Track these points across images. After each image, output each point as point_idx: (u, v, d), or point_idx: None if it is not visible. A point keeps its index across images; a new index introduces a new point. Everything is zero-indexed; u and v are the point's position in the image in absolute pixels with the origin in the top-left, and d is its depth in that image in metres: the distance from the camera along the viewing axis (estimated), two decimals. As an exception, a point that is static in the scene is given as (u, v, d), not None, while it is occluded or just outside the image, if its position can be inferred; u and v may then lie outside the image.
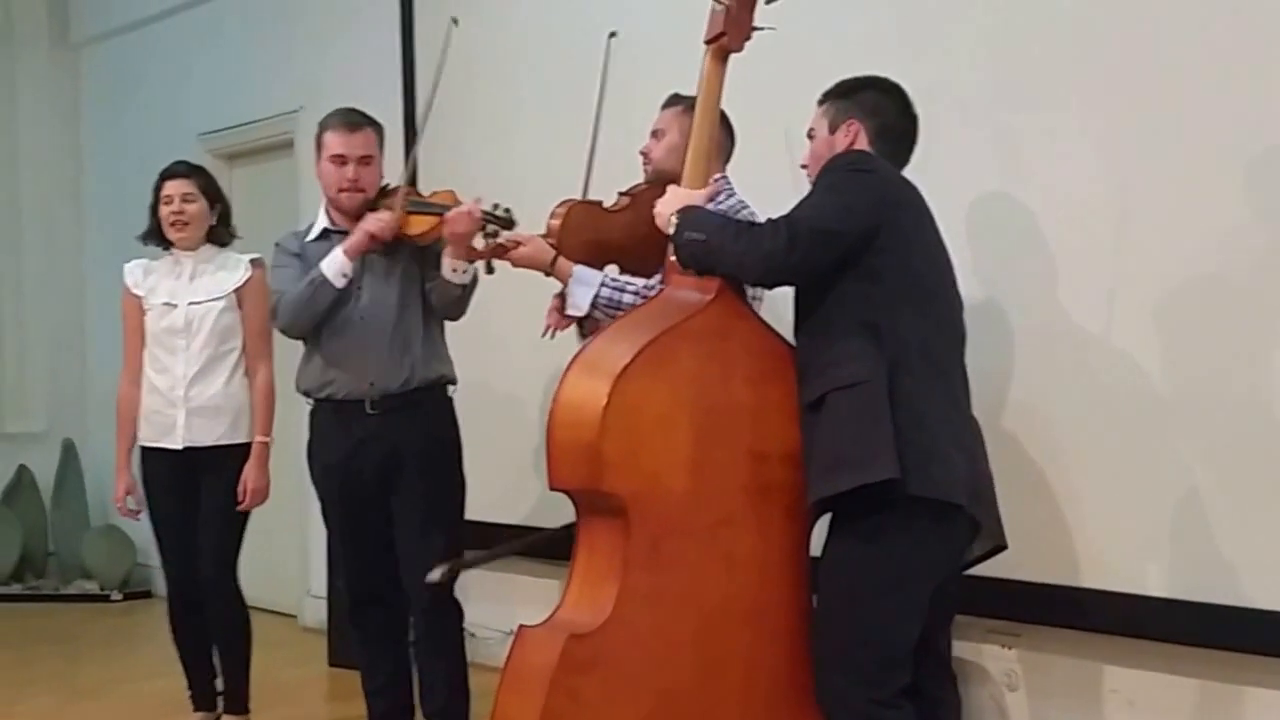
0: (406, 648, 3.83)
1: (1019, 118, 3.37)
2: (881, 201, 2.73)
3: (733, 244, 2.77)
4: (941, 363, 2.75)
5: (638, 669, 2.77)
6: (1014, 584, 3.24)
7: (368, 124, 3.68)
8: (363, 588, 3.75)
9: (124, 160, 6.83)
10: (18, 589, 6.83)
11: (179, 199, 4.03)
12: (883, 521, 2.66)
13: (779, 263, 2.72)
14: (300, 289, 3.59)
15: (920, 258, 2.77)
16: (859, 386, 2.66)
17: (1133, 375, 3.16)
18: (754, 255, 2.74)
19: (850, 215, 2.70)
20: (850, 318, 2.71)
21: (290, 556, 5.85)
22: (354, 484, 3.66)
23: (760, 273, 2.81)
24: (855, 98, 2.90)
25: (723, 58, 2.95)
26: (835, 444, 2.69)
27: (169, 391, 3.99)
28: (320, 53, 5.76)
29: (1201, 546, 3.06)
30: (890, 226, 2.71)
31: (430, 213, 3.55)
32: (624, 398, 2.75)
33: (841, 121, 2.89)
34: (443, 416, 3.73)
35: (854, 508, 2.69)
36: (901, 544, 2.67)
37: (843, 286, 2.73)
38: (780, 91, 3.50)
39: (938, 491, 2.64)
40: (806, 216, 2.72)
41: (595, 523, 2.87)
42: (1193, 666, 3.11)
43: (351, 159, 3.61)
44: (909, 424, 2.63)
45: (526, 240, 3.28)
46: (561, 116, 4.40)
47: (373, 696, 3.81)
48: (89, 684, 4.99)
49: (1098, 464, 3.23)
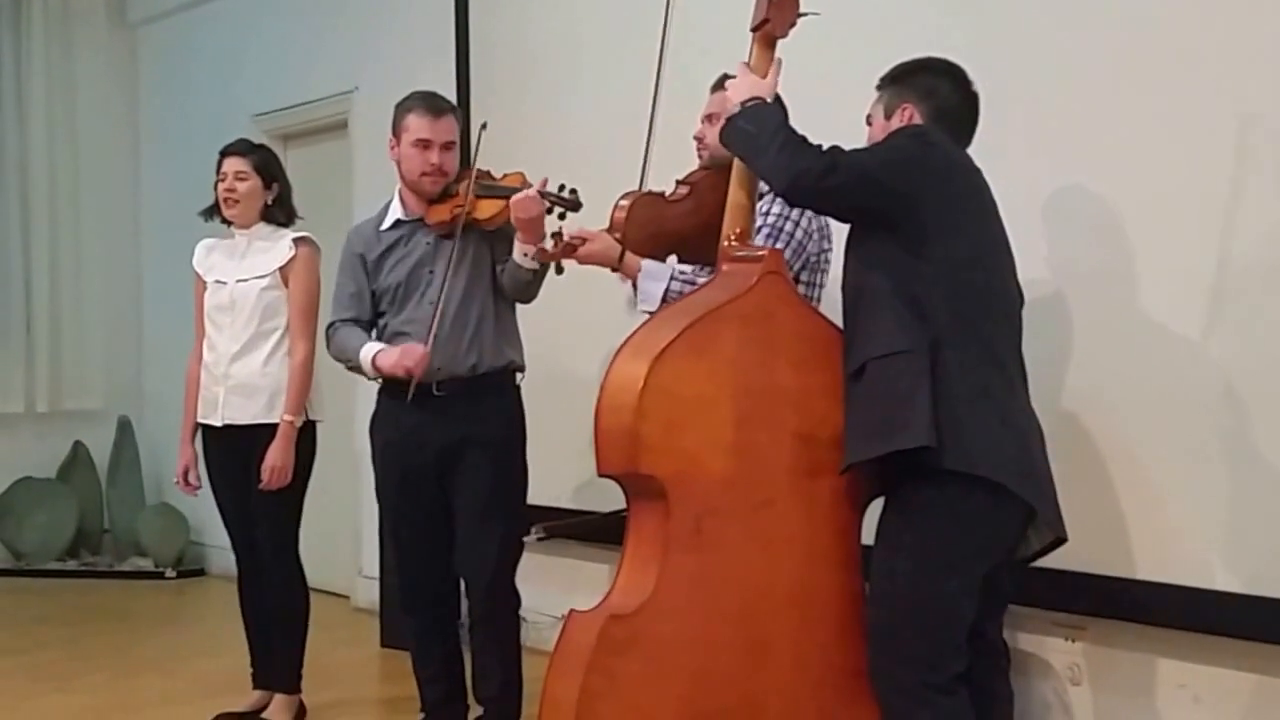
0: (457, 633, 3.82)
1: (1087, 106, 3.29)
2: (935, 170, 2.71)
3: (775, 151, 2.73)
4: (991, 343, 2.71)
5: (676, 650, 2.76)
6: (1078, 576, 3.19)
7: (450, 110, 3.71)
8: (414, 570, 3.73)
9: (180, 141, 6.87)
10: (73, 565, 6.91)
11: (231, 176, 4.05)
12: (929, 502, 2.66)
13: (808, 183, 2.69)
14: (347, 346, 3.67)
15: (972, 237, 2.73)
16: (898, 356, 2.66)
17: (1198, 365, 3.10)
18: (788, 167, 2.70)
19: (895, 171, 2.70)
20: (896, 290, 2.69)
21: (343, 537, 5.87)
22: (413, 462, 3.64)
23: (786, 184, 2.75)
24: (909, 81, 2.88)
25: (769, 44, 2.94)
26: (871, 411, 2.69)
27: (214, 368, 4.02)
28: (374, 34, 5.76)
29: (1269, 540, 3.00)
30: (940, 200, 2.69)
31: (498, 196, 3.52)
32: (661, 380, 2.75)
33: (896, 106, 2.87)
34: (508, 403, 3.70)
35: (902, 490, 2.69)
36: (948, 525, 2.65)
37: (890, 258, 2.71)
38: (838, 78, 3.46)
39: (978, 468, 2.61)
40: (854, 154, 2.73)
41: (641, 507, 2.86)
42: (1261, 663, 3.04)
43: (436, 144, 3.62)
44: (951, 397, 2.61)
45: (593, 237, 3.24)
46: (618, 98, 4.36)
47: (425, 684, 3.80)
48: (143, 661, 5.02)
49: (1163, 456, 3.16)
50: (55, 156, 7.08)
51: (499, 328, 3.64)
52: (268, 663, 4.16)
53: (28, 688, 4.60)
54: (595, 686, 2.70)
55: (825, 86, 3.49)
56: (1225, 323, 3.08)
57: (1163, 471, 3.17)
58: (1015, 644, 3.29)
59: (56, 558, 6.88)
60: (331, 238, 4.24)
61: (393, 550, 3.94)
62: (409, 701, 3.92)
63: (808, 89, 3.24)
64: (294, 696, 4.12)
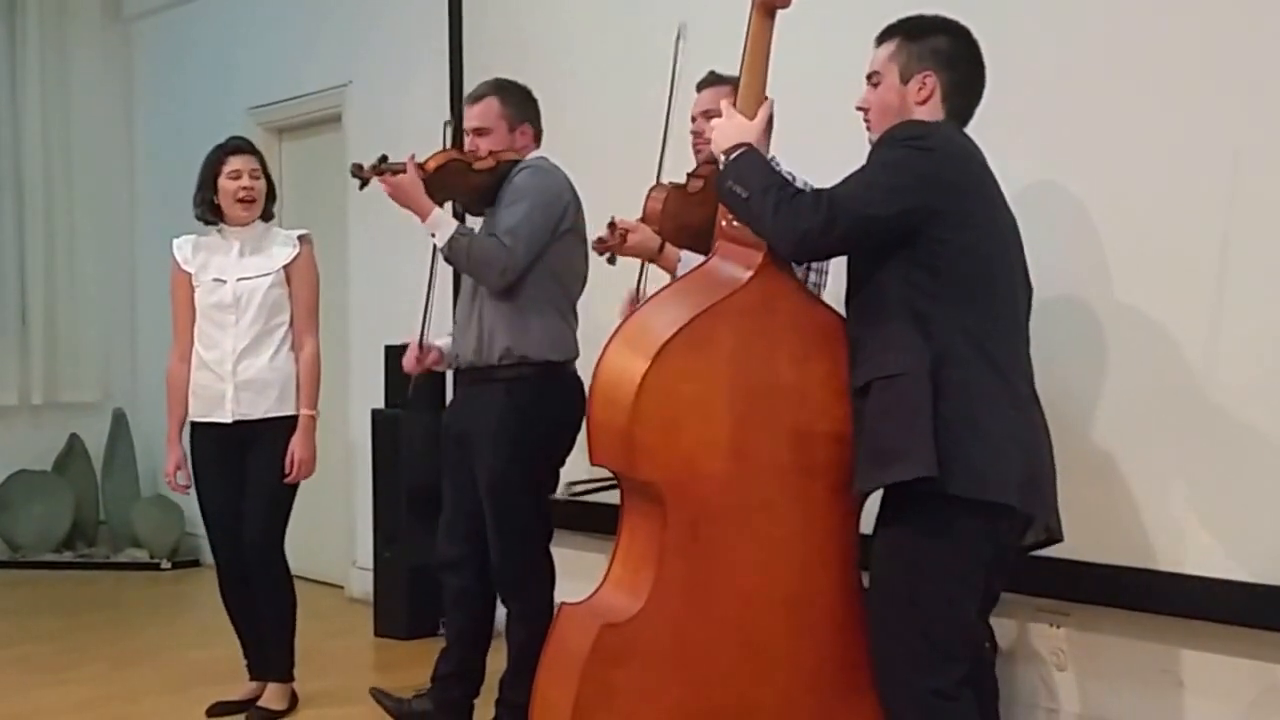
0: (481, 614, 3.81)
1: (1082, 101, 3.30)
2: (936, 185, 2.59)
3: (771, 216, 2.65)
4: (997, 355, 2.61)
5: (671, 656, 2.73)
6: (1063, 563, 3.20)
7: (480, 95, 3.71)
8: (444, 548, 3.80)
9: (175, 134, 6.88)
10: (69, 557, 6.93)
11: (248, 174, 4.05)
12: (930, 519, 2.59)
13: (813, 243, 2.66)
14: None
15: (979, 242, 2.63)
16: (901, 377, 2.58)
17: (1185, 351, 3.12)
18: (790, 232, 2.64)
19: (897, 198, 2.58)
20: (900, 304, 2.61)
21: (337, 528, 5.89)
22: (446, 447, 3.80)
23: (792, 250, 2.73)
24: (929, 43, 2.70)
25: (769, 13, 2.80)
26: (877, 437, 2.63)
27: (218, 366, 4.02)
28: (368, 27, 5.77)
29: (1251, 527, 3.02)
30: (945, 211, 2.58)
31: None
32: (659, 382, 2.69)
33: (916, 72, 2.70)
34: (513, 397, 3.57)
35: (902, 505, 2.62)
36: (950, 542, 2.60)
37: (894, 270, 2.62)
38: (833, 45, 3.44)
39: (985, 493, 2.55)
40: (851, 197, 2.60)
41: (635, 503, 2.84)
42: (1245, 647, 3.06)
43: (467, 131, 3.75)
44: (956, 419, 2.54)
45: (635, 228, 3.23)
46: (612, 89, 4.39)
47: (439, 658, 3.82)
48: (139, 651, 5.04)
49: (1148, 443, 3.19)
50: (50, 150, 7.08)
51: (511, 318, 3.57)
52: (261, 654, 4.19)
53: (23, 679, 4.62)
54: (591, 697, 2.68)
55: (821, 66, 3.48)
56: (1216, 316, 3.09)
57: (1148, 459, 3.19)
58: (1001, 630, 3.32)
59: (52, 549, 6.90)
60: (327, 230, 4.27)
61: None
62: (404, 690, 3.94)
63: (803, 67, 3.24)
64: (287, 685, 4.15)
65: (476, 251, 3.49)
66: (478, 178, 3.61)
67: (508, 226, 3.50)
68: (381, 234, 5.41)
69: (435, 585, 5.06)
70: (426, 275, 3.86)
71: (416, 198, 3.47)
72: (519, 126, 3.69)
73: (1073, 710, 3.40)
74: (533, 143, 3.73)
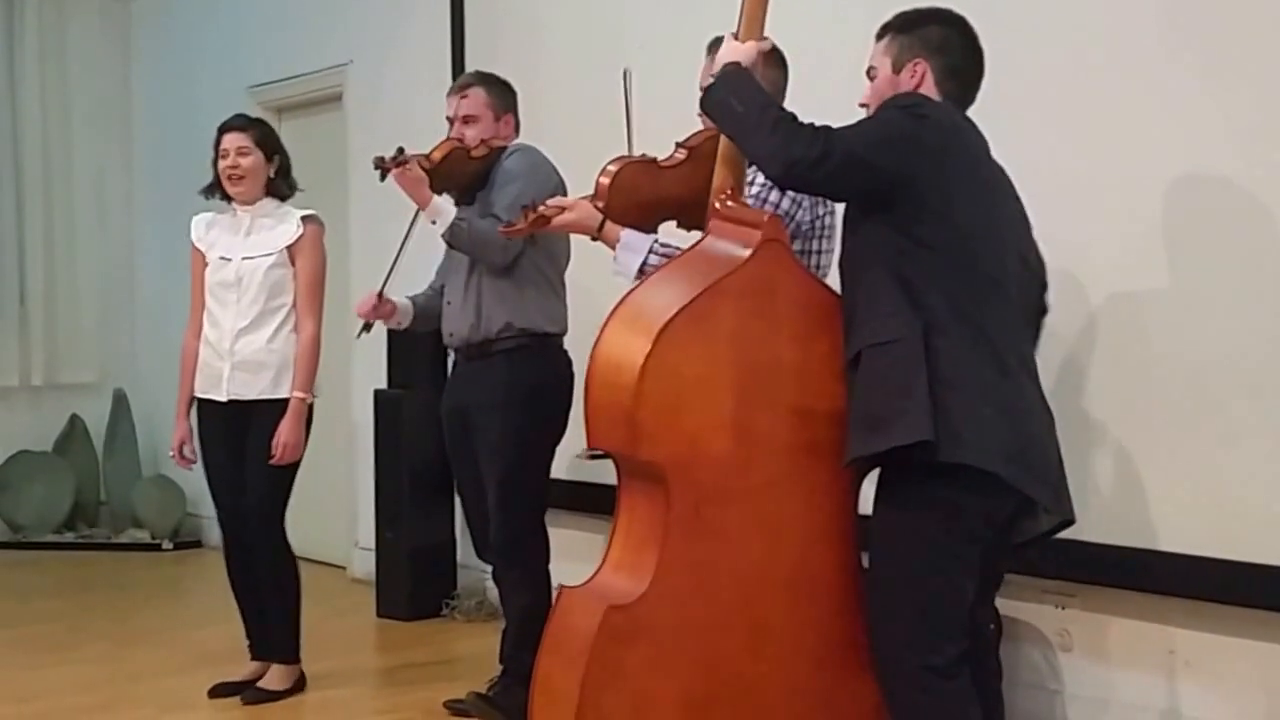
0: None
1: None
2: (928, 149, 2.60)
3: (769, 131, 2.62)
4: (984, 324, 2.61)
5: (680, 639, 2.72)
6: (1068, 544, 3.18)
7: (466, 85, 3.91)
8: (471, 526, 3.95)
9: (174, 113, 6.86)
10: (70, 538, 6.92)
11: (234, 153, 4.03)
12: (920, 490, 2.60)
13: (801, 172, 2.63)
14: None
15: (968, 212, 2.64)
16: (892, 344, 2.59)
17: (1184, 332, 3.12)
18: (783, 153, 2.61)
19: (890, 151, 2.59)
20: (888, 272, 2.62)
21: (340, 509, 5.88)
22: (448, 426, 3.90)
23: (779, 171, 2.68)
24: (919, 33, 2.74)
25: None
26: (868, 405, 2.63)
27: (218, 344, 4.02)
28: (369, 6, 5.74)
29: (1258, 507, 3.01)
30: (934, 178, 2.60)
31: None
32: (661, 363, 2.67)
33: (907, 60, 2.74)
34: (514, 369, 3.73)
35: (893, 473, 2.64)
36: (940, 513, 2.60)
37: (881, 237, 2.64)
38: (832, 45, 3.45)
39: (968, 457, 2.54)
40: (847, 138, 2.61)
41: (635, 485, 2.82)
42: (1251, 628, 3.06)
43: (455, 120, 3.87)
44: (939, 386, 2.55)
45: (572, 205, 3.18)
46: (592, 76, 4.34)
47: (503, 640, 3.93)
48: (140, 632, 5.03)
49: (1151, 424, 3.18)
50: (49, 129, 7.05)
51: (507, 293, 3.73)
52: (264, 634, 4.18)
53: (26, 659, 4.61)
54: (599, 677, 2.67)
55: (822, 66, 3.46)
56: (1213, 299, 3.10)
57: (1151, 439, 3.18)
58: (1005, 611, 3.32)
59: (54, 530, 6.90)
60: (327, 209, 4.24)
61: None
62: (405, 670, 3.96)
63: (803, 66, 3.22)
64: (293, 666, 4.14)
65: (477, 233, 3.66)
66: (474, 164, 3.80)
67: (505, 205, 3.63)
68: (382, 214, 5.37)
69: (437, 566, 5.16)
70: (402, 235, 3.85)
71: (421, 188, 3.64)
72: (503, 116, 3.89)
73: (1077, 691, 3.40)
74: (514, 132, 3.92)
